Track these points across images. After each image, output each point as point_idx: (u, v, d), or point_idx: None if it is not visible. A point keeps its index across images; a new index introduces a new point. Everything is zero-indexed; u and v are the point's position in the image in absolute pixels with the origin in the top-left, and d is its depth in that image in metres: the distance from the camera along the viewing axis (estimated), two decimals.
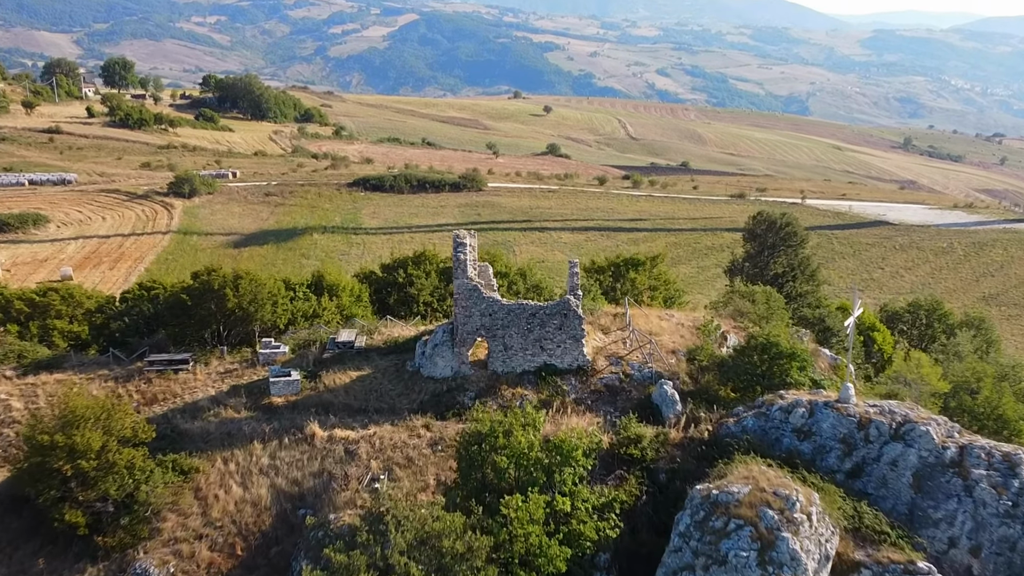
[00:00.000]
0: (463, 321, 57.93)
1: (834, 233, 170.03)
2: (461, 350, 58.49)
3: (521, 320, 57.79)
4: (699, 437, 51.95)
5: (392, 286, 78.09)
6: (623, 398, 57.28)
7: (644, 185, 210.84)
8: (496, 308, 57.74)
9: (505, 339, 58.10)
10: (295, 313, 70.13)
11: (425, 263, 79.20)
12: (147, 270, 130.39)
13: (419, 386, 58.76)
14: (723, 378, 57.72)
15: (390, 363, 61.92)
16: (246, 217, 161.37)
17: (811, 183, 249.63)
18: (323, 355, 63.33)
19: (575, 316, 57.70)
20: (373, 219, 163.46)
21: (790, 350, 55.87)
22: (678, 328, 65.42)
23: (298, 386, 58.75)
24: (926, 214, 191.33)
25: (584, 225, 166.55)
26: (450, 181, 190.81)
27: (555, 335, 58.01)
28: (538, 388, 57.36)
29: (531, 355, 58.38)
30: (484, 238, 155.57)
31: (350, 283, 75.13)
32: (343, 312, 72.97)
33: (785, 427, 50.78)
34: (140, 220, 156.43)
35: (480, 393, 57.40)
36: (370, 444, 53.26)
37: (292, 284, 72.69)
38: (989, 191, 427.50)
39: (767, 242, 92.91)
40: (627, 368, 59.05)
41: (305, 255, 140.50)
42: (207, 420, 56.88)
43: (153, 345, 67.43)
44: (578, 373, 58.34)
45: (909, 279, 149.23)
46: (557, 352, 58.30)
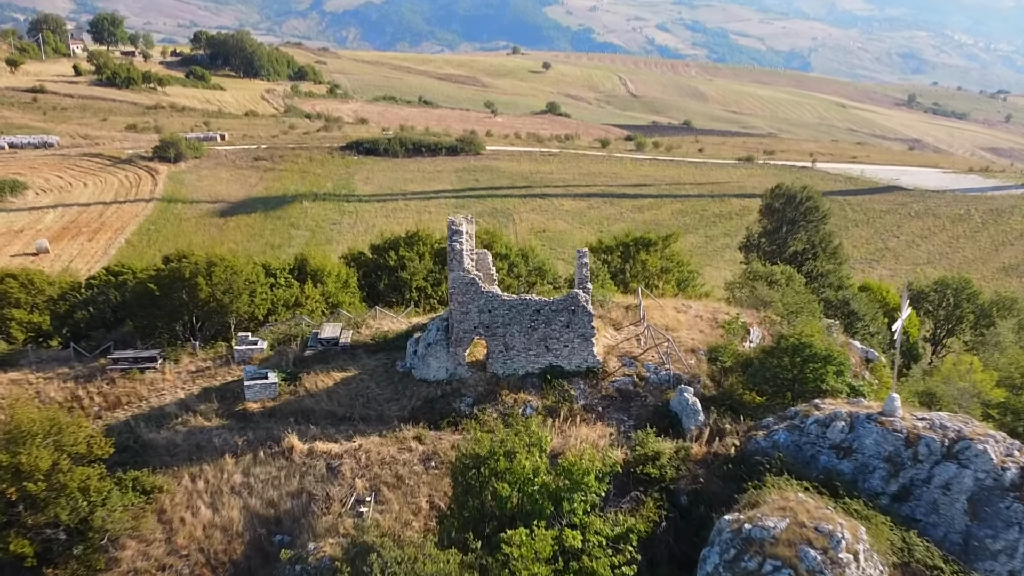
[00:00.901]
0: (459, 318, 51.88)
1: (847, 199, 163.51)
2: (457, 350, 52.51)
3: (524, 317, 51.76)
4: (724, 453, 46.21)
5: (382, 270, 71.92)
6: (637, 404, 51.42)
7: (648, 148, 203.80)
8: (496, 304, 51.69)
9: (506, 338, 52.12)
10: (275, 302, 64.02)
11: (418, 244, 72.96)
12: (127, 242, 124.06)
13: (410, 390, 52.85)
14: (749, 381, 51.84)
15: (378, 363, 55.92)
16: (234, 183, 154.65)
17: (819, 144, 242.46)
18: (304, 353, 57.29)
19: (584, 312, 51.64)
20: (366, 185, 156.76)
21: (825, 352, 49.84)
22: (696, 322, 59.34)
23: (276, 390, 52.81)
24: (940, 178, 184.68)
25: (587, 191, 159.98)
26: (447, 144, 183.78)
27: (562, 333, 52.02)
28: (543, 393, 51.52)
29: (535, 356, 52.43)
30: (482, 206, 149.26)
31: (336, 267, 68.95)
32: (329, 300, 66.84)
33: (822, 443, 45.10)
34: (123, 187, 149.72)
35: (478, 399, 51.56)
36: (355, 460, 47.51)
37: (272, 269, 66.49)
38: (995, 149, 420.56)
39: (786, 217, 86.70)
40: (642, 370, 53.08)
41: (294, 225, 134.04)
42: (174, 429, 51.10)
43: (119, 339, 61.42)
44: (587, 376, 52.45)
45: (926, 248, 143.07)
46: (564, 352, 52.35)
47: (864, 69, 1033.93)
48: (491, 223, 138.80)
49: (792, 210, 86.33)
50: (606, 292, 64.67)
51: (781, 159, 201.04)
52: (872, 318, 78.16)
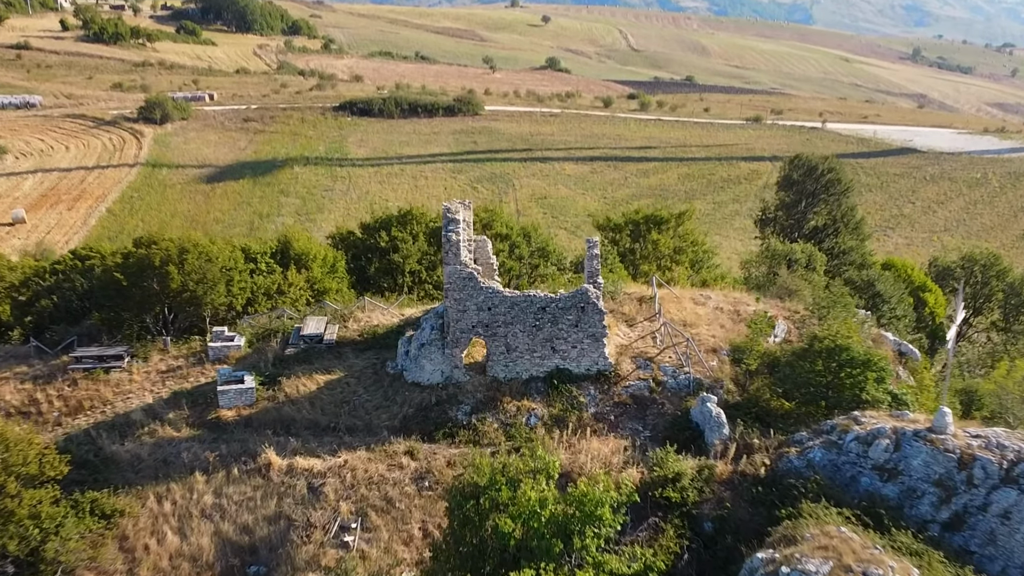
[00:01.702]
0: (456, 317, 46.62)
1: (859, 162, 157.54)
2: (453, 351, 47.32)
3: (528, 315, 46.54)
4: (753, 473, 41.35)
5: (373, 252, 66.48)
6: (654, 413, 46.35)
7: (652, 107, 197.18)
8: (497, 300, 46.49)
9: (508, 338, 46.95)
10: (255, 291, 58.62)
11: (412, 223, 67.40)
12: (109, 211, 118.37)
13: (402, 395, 47.75)
14: (778, 386, 46.72)
15: (366, 363, 50.72)
16: (222, 146, 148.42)
17: (827, 102, 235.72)
18: (285, 351, 52.04)
19: (595, 310, 46.38)
20: (360, 148, 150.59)
21: (864, 356, 44.61)
22: (716, 315, 54.04)
23: (253, 396, 47.69)
24: (955, 139, 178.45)
25: (589, 154, 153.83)
26: (444, 104, 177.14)
27: (570, 333, 46.84)
28: (549, 400, 46.49)
29: (540, 358, 47.30)
30: (481, 171, 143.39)
31: (322, 250, 63.41)
32: (314, 286, 61.43)
33: (863, 463, 40.26)
34: (106, 151, 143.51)
35: (477, 406, 46.56)
36: (339, 478, 42.59)
37: (253, 253, 60.97)
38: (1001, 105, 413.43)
39: (805, 190, 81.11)
40: (658, 373, 47.91)
41: (284, 192, 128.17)
42: (140, 440, 46.12)
43: (84, 333, 56.15)
44: (598, 380, 47.36)
45: (942, 215, 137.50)
46: (572, 354, 47.19)
47: (867, 22, 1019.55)
48: (490, 190, 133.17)
49: (812, 182, 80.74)
50: (617, 279, 59.28)
51: (789, 119, 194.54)
52: (898, 300, 72.88)
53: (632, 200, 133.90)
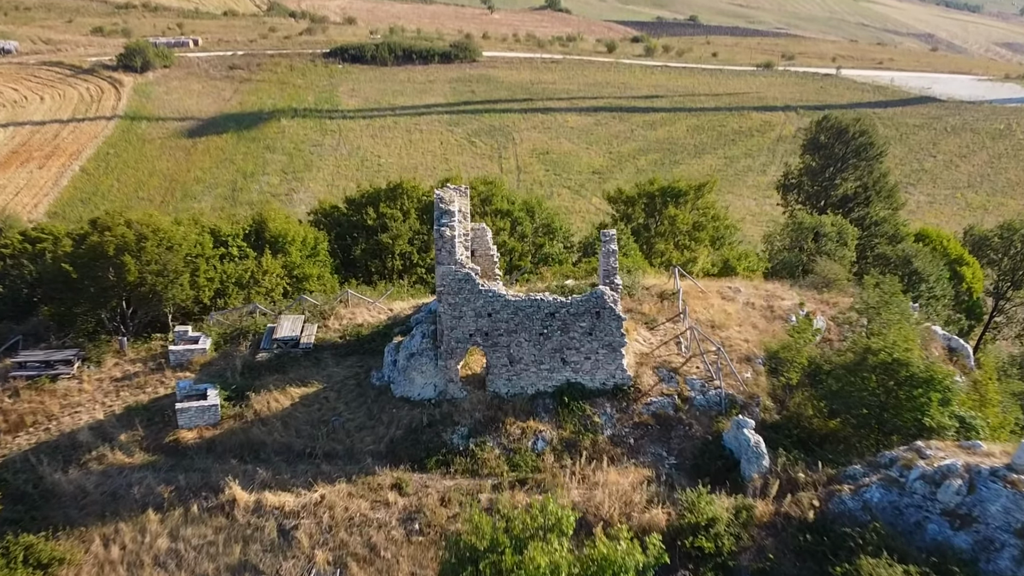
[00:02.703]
0: (451, 324, 40.13)
1: (877, 112, 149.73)
2: (448, 364, 40.87)
3: (534, 322, 40.04)
4: (799, 516, 35.41)
5: (359, 230, 59.78)
6: (680, 435, 40.13)
7: (658, 52, 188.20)
8: (499, 305, 39.89)
9: (511, 349, 40.50)
10: (225, 280, 51.96)
11: (402, 197, 60.61)
12: (83, 169, 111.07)
13: (388, 413, 41.40)
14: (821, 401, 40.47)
15: (348, 372, 44.28)
16: (206, 97, 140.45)
17: (838, 45, 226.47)
18: (256, 356, 45.55)
19: (612, 316, 39.86)
20: (352, 99, 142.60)
21: (926, 373, 38.18)
22: (748, 313, 47.51)
23: (217, 414, 41.35)
24: (975, 87, 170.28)
25: (593, 104, 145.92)
26: (440, 51, 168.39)
27: (583, 342, 40.39)
28: (559, 420, 40.27)
29: (548, 371, 40.91)
30: (479, 123, 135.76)
31: (301, 231, 56.58)
32: (292, 272, 54.81)
33: (931, 506, 34.28)
34: (83, 102, 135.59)
35: (476, 428, 40.31)
36: (315, 519, 36.46)
37: (223, 236, 54.19)
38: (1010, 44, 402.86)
39: (834, 154, 74.08)
40: (684, 388, 41.53)
41: (270, 148, 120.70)
42: (87, 468, 39.91)
43: (30, 332, 49.68)
44: (615, 396, 41.06)
45: (965, 170, 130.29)
46: (585, 366, 40.80)
47: None
48: (489, 145, 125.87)
49: (842, 146, 73.70)
50: (634, 267, 52.67)
51: (801, 64, 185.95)
52: (937, 279, 66.39)
53: (639, 155, 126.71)
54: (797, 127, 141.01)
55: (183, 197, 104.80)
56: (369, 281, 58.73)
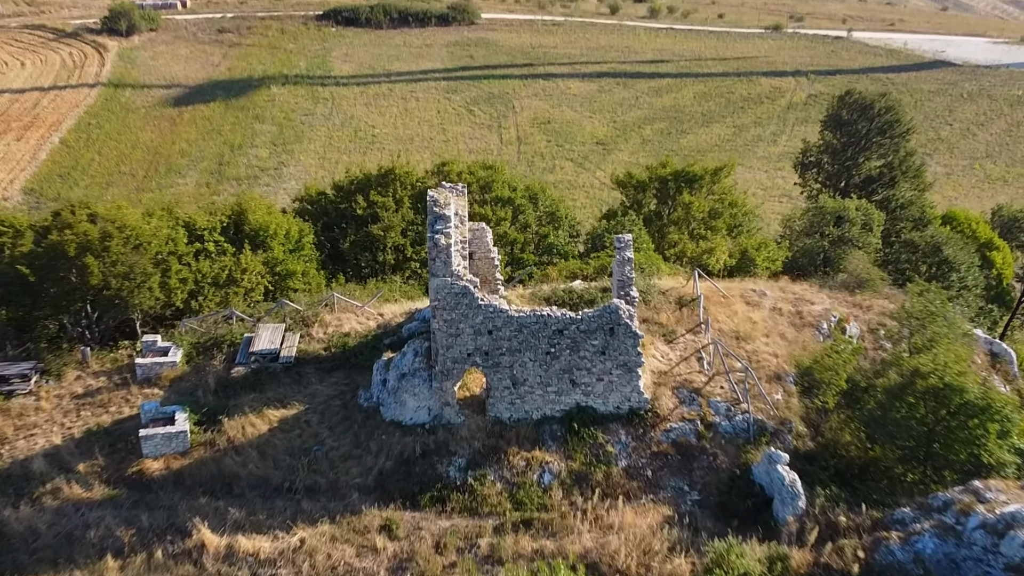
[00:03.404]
0: (446, 343, 35.71)
1: (890, 78, 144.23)
2: (443, 385, 36.49)
3: (540, 340, 35.62)
4: (842, 568, 31.34)
5: (347, 220, 55.15)
6: (703, 467, 35.99)
7: (663, 14, 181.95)
8: (500, 321, 35.42)
9: (514, 369, 36.14)
10: (201, 280, 47.43)
11: (394, 184, 55.86)
12: (62, 141, 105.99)
13: (377, 440, 37.14)
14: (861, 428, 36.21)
15: (333, 390, 39.91)
16: (193, 62, 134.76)
17: (846, 5, 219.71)
18: (231, 371, 41.10)
19: (628, 333, 35.43)
20: (345, 64, 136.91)
21: (982, 400, 33.83)
22: (775, 320, 43.05)
23: (186, 441, 37.08)
24: (990, 50, 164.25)
25: (596, 70, 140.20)
26: (437, 13, 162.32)
27: (595, 362, 36.02)
28: (567, 449, 36.17)
29: (556, 393, 36.60)
30: (478, 90, 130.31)
31: (284, 223, 51.85)
32: (275, 269, 50.28)
33: (993, 560, 30.47)
34: (65, 68, 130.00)
35: (475, 458, 36.15)
36: (294, 568, 32.43)
37: (198, 230, 49.51)
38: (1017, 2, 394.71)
39: (858, 132, 69.23)
40: (708, 411, 37.23)
41: (259, 117, 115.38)
42: (41, 503, 35.76)
43: None
44: (631, 422, 36.80)
45: (983, 138, 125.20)
46: (597, 388, 36.47)
47: None
48: (488, 113, 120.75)
49: (866, 123, 68.86)
50: (647, 265, 48.14)
51: (811, 26, 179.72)
52: (968, 268, 61.90)
53: (644, 125, 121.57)
54: (808, 93, 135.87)
55: (167, 172, 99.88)
56: (359, 276, 54.25)
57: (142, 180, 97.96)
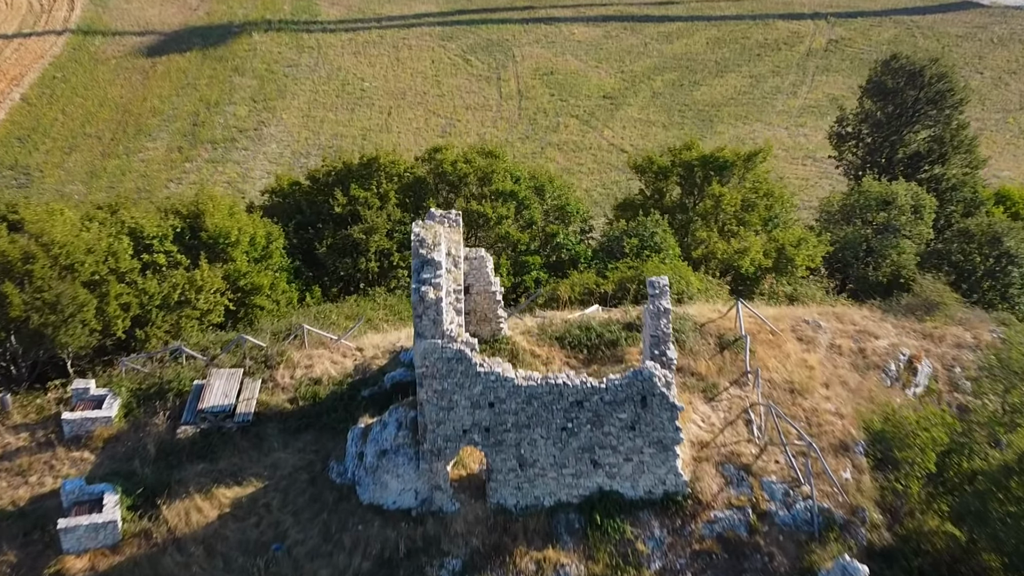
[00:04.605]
0: (436, 417, 28.45)
1: (915, 20, 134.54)
2: (434, 466, 29.26)
3: (555, 413, 28.49)
4: None
5: (325, 220, 47.52)
6: (756, 569, 29.42)
7: None
8: (504, 392, 28.10)
9: (522, 448, 28.95)
10: (148, 303, 39.94)
11: (378, 176, 48.04)
12: (23, 99, 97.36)
13: (352, 532, 30.21)
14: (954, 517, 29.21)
15: (300, 460, 32.69)
16: (170, 5, 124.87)
17: None
18: (177, 431, 33.80)
19: (664, 405, 28.25)
20: (333, 7, 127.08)
21: None
22: (833, 363, 35.74)
23: (116, 532, 30.12)
24: None
25: (602, 12, 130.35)
26: None
27: (622, 439, 28.91)
28: (588, 547, 29.47)
29: (573, 475, 29.61)
30: (475, 36, 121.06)
31: (250, 227, 44.05)
32: (237, 284, 42.79)
33: None
34: (32, 13, 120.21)
35: (472, 560, 29.39)
36: None
37: (147, 238, 41.77)
38: None
39: (905, 103, 61.18)
40: (760, 495, 30.14)
41: (238, 69, 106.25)
42: None
43: None
44: (666, 510, 29.85)
45: (1016, 88, 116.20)
46: (625, 469, 29.41)
47: None
48: (486, 63, 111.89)
49: (915, 92, 60.82)
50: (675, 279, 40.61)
51: None
52: None
53: (654, 75, 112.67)
54: (828, 39, 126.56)
55: (136, 134, 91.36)
56: (337, 285, 46.89)
57: (108, 144, 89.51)
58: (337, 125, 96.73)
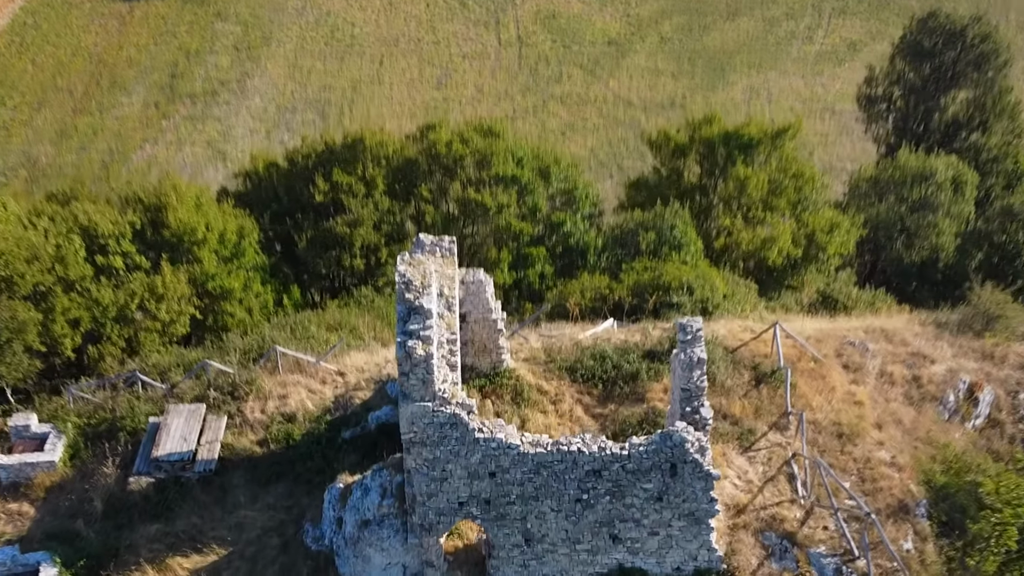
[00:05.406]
0: (427, 489, 23.89)
1: None
2: (425, 542, 24.75)
3: (567, 483, 23.82)
4: None
5: (304, 209, 42.55)
6: None
7: None
8: (508, 460, 23.54)
9: (528, 522, 24.37)
10: (102, 315, 35.19)
11: (363, 158, 42.91)
12: None
13: None
14: None
15: (270, 519, 28.20)
16: None
17: None
18: (128, 482, 29.22)
19: (698, 474, 23.69)
20: None
21: None
22: (885, 395, 31.08)
23: None
24: None
25: None
26: None
27: (647, 511, 24.36)
28: None
29: (588, 552, 25.18)
30: None
31: (220, 221, 39.05)
32: (205, 287, 38.01)
33: None
34: None
35: None
36: None
37: (102, 237, 36.80)
38: None
39: (941, 64, 55.65)
40: (807, 572, 25.62)
41: (221, 14, 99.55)
42: None
43: None
44: None
45: None
46: (649, 545, 24.99)
47: None
48: (483, 7, 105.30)
49: (953, 53, 55.27)
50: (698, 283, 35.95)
51: None
52: None
53: (661, 19, 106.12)
54: None
55: (110, 87, 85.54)
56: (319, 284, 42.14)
57: (80, 99, 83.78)
58: (325, 76, 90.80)
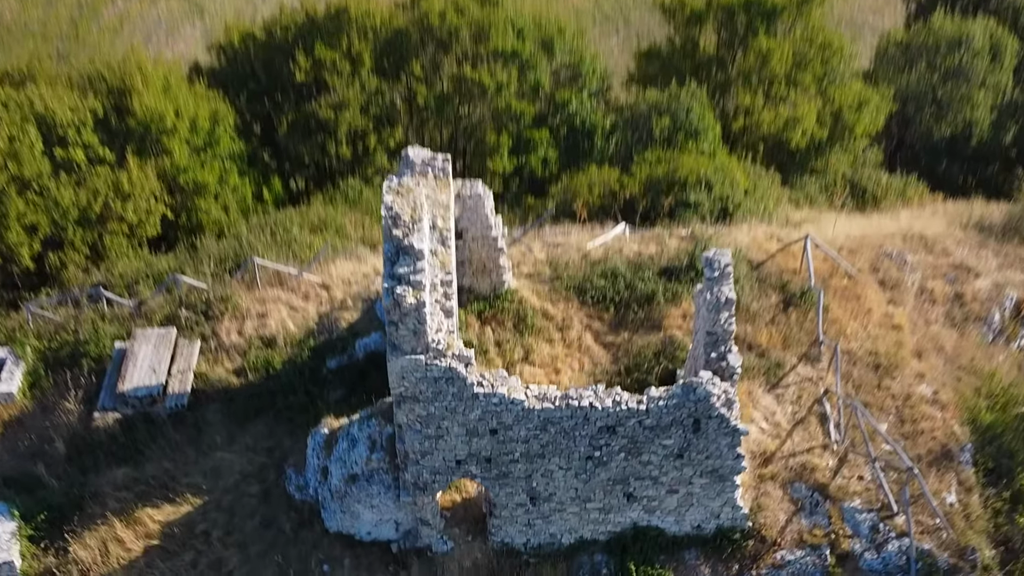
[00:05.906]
0: (421, 447, 21.30)
1: None
2: (419, 500, 22.33)
3: (577, 441, 21.20)
4: None
5: (284, 90, 38.61)
6: None
7: None
8: (511, 417, 20.78)
9: (534, 481, 21.89)
10: (63, 216, 31.90)
11: (348, 30, 38.60)
12: None
13: (317, 572, 23.33)
14: None
15: (249, 463, 25.64)
16: None
17: None
18: (92, 417, 26.55)
19: (723, 430, 21.02)
20: None
21: None
22: (925, 319, 28.16)
23: (13, 573, 23.46)
24: None
25: None
26: None
27: (666, 468, 21.85)
28: None
29: (600, 511, 22.75)
30: None
31: (191, 106, 35.13)
32: (177, 182, 34.57)
33: None
34: None
35: None
36: None
37: (60, 128, 32.94)
38: None
39: None
40: (840, 527, 23.37)
41: None
42: None
43: None
44: (719, 549, 23.45)
45: None
46: (667, 503, 22.69)
47: None
48: None
49: None
50: (717, 178, 32.63)
51: None
52: None
53: None
54: None
55: None
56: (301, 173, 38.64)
57: None
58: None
